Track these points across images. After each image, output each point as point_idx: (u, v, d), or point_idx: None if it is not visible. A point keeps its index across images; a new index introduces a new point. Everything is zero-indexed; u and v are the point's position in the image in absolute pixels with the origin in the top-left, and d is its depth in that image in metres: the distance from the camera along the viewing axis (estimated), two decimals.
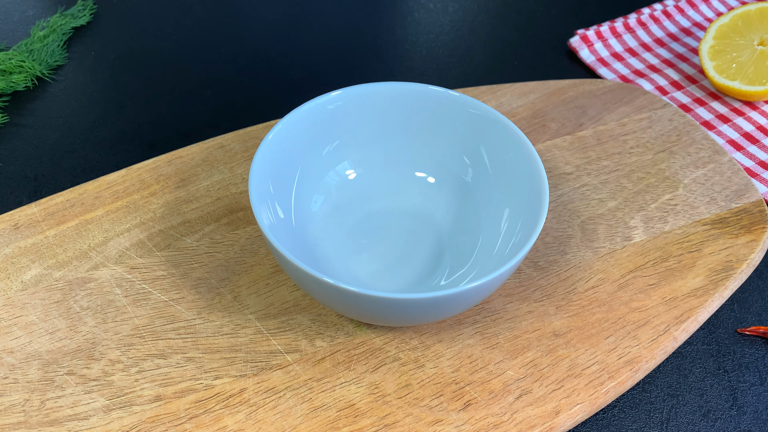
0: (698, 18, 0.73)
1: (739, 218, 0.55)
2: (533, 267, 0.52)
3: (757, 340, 0.52)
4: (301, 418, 0.44)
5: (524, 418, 0.45)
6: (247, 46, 0.72)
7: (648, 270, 0.52)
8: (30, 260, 0.51)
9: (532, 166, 0.48)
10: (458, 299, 0.44)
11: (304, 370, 0.46)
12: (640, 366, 0.47)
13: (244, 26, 0.74)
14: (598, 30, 0.71)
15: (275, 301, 0.50)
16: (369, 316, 0.46)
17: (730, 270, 0.52)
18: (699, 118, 0.64)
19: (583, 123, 0.61)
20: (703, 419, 0.48)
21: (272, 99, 0.67)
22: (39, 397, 0.45)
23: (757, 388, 0.49)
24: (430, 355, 0.47)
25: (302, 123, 0.50)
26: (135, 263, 0.51)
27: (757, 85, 0.63)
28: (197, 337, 0.48)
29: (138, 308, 0.49)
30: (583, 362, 0.47)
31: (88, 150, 0.63)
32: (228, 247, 0.52)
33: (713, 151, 0.59)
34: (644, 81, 0.67)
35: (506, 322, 0.49)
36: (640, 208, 0.55)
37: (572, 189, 0.56)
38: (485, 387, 0.46)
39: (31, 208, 0.54)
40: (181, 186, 0.55)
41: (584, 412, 0.46)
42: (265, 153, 0.48)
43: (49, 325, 0.48)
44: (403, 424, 0.44)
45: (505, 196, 0.51)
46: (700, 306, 0.50)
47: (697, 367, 0.50)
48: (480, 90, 0.62)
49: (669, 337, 0.48)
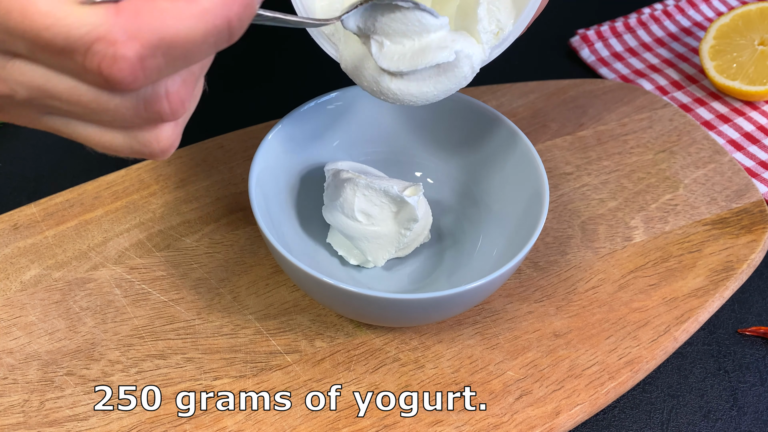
0: (699, 18, 0.73)
1: (739, 218, 0.55)
2: (533, 267, 0.52)
3: (757, 340, 0.52)
4: (301, 418, 0.44)
5: (524, 419, 0.44)
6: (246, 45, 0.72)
7: (648, 270, 0.52)
8: (29, 260, 0.51)
9: (532, 166, 0.48)
10: (458, 299, 0.43)
11: (304, 370, 0.46)
12: (640, 366, 0.47)
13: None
14: (599, 30, 0.71)
15: (275, 301, 0.49)
16: (369, 317, 0.46)
17: (730, 270, 0.52)
18: (699, 118, 0.64)
19: (584, 123, 0.61)
20: (703, 420, 0.48)
21: (272, 99, 0.67)
22: (38, 398, 0.45)
23: (757, 389, 0.49)
24: (430, 355, 0.47)
25: (302, 123, 0.50)
26: (134, 263, 0.51)
27: (758, 85, 0.63)
28: (197, 337, 0.48)
29: (137, 309, 0.49)
30: (583, 363, 0.47)
31: (88, 150, 0.63)
32: (227, 248, 0.52)
33: (714, 151, 0.59)
34: (645, 81, 0.67)
35: (506, 323, 0.49)
36: (641, 209, 0.55)
37: (572, 189, 0.56)
38: (485, 387, 0.46)
39: (31, 208, 0.54)
40: (181, 186, 0.55)
41: (584, 412, 0.45)
42: (265, 153, 0.48)
43: (49, 325, 0.48)
44: (403, 424, 0.44)
45: (505, 196, 0.50)
46: (700, 306, 0.50)
47: (697, 367, 0.50)
48: (480, 90, 0.62)
49: (669, 337, 0.48)
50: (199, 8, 0.26)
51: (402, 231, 0.48)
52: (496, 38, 0.42)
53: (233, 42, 0.28)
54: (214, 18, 0.27)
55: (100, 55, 0.26)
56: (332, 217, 0.48)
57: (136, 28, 0.26)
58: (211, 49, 0.28)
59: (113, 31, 0.26)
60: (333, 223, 0.48)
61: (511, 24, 0.42)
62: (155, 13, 0.26)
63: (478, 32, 0.41)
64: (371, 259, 0.49)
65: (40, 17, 0.25)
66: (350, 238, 0.49)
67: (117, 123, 0.30)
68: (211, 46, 0.28)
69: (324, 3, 0.44)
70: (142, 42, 0.26)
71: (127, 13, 0.26)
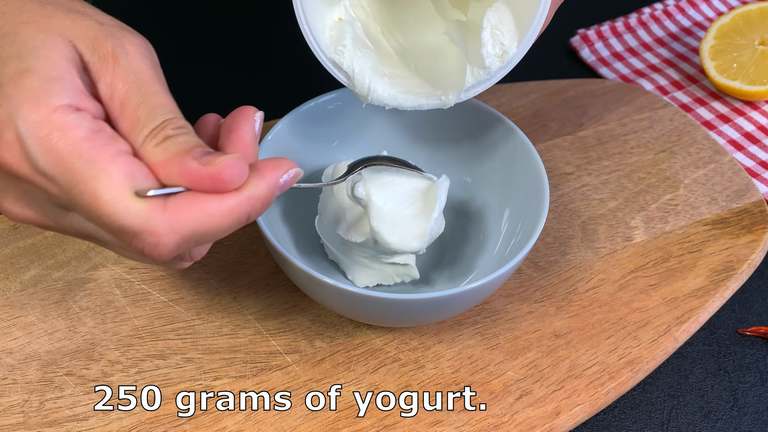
0: (699, 17, 0.73)
1: (739, 218, 0.55)
2: (534, 267, 0.52)
3: (758, 340, 0.52)
4: (301, 419, 0.44)
5: (525, 419, 0.44)
6: (246, 45, 0.72)
7: (649, 270, 0.52)
8: (29, 260, 0.51)
9: (533, 166, 0.48)
10: (458, 300, 0.43)
11: (304, 370, 0.46)
12: (640, 366, 0.47)
13: (244, 25, 0.74)
14: (599, 29, 0.71)
15: (275, 301, 0.49)
16: (369, 317, 0.46)
17: (730, 270, 0.52)
18: (700, 118, 0.64)
19: (584, 123, 0.61)
20: (703, 420, 0.48)
21: (272, 99, 0.67)
22: (38, 398, 0.44)
23: (758, 389, 0.49)
24: (430, 355, 0.47)
25: (302, 123, 0.50)
26: (134, 264, 0.51)
27: (758, 84, 0.63)
28: (196, 337, 0.48)
29: (137, 309, 0.49)
30: (583, 363, 0.47)
31: None
32: (228, 248, 0.52)
33: (714, 151, 0.59)
34: (645, 81, 0.67)
35: (506, 323, 0.49)
36: (641, 209, 0.55)
37: (573, 189, 0.56)
38: (485, 388, 0.46)
39: None
40: None
41: (585, 412, 0.45)
42: (265, 153, 0.48)
43: (49, 325, 0.48)
44: (403, 425, 0.44)
45: (506, 196, 0.50)
46: (700, 306, 0.50)
47: (697, 367, 0.50)
48: None
49: (670, 337, 0.48)
50: (227, 207, 0.33)
51: (393, 275, 0.48)
52: (501, 60, 0.43)
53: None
54: (239, 215, 0.33)
55: (145, 242, 0.32)
56: (323, 230, 0.49)
57: (178, 224, 0.32)
58: (229, 232, 0.34)
59: (159, 226, 0.32)
60: (322, 235, 0.49)
61: (514, 46, 0.43)
62: (194, 212, 0.32)
63: (482, 56, 0.42)
64: (351, 278, 0.49)
65: (106, 207, 0.32)
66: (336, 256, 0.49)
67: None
68: (231, 231, 0.34)
69: (333, 33, 0.45)
70: (180, 235, 0.32)
71: (172, 211, 0.32)
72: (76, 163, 0.32)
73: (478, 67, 0.43)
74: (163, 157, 0.33)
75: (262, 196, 0.34)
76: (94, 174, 0.32)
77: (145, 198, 0.32)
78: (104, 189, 0.32)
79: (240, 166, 0.33)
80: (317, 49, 0.44)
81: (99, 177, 0.32)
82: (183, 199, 0.33)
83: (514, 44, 0.43)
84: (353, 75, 0.44)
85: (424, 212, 0.45)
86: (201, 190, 0.33)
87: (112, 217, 0.32)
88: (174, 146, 0.33)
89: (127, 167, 0.32)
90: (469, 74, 0.43)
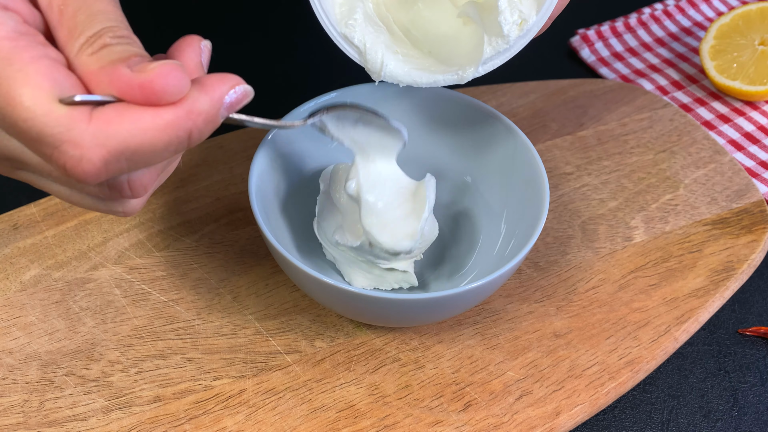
0: (699, 17, 0.73)
1: (739, 218, 0.55)
2: (534, 267, 0.52)
3: (758, 340, 0.52)
4: (301, 419, 0.44)
5: (525, 419, 0.44)
6: (246, 45, 0.72)
7: (649, 270, 0.52)
8: (29, 260, 0.51)
9: (533, 166, 0.48)
10: (458, 300, 0.43)
11: (304, 370, 0.46)
12: (640, 367, 0.47)
13: (244, 25, 0.74)
14: (599, 29, 0.71)
15: (275, 301, 0.49)
16: (369, 317, 0.46)
17: (731, 270, 0.52)
18: (700, 118, 0.64)
19: (584, 123, 0.61)
20: (703, 420, 0.48)
21: (272, 99, 0.67)
22: (38, 398, 0.44)
23: (758, 389, 0.49)
24: (430, 355, 0.47)
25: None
26: (134, 263, 0.51)
27: (758, 84, 0.63)
28: (196, 337, 0.48)
29: (137, 309, 0.49)
30: (583, 363, 0.47)
31: None
32: (227, 248, 0.52)
33: (714, 151, 0.59)
34: (645, 81, 0.67)
35: (506, 323, 0.49)
36: (641, 209, 0.55)
37: (573, 189, 0.56)
38: (485, 388, 0.46)
39: (30, 208, 0.53)
40: (181, 186, 0.55)
41: (585, 412, 0.45)
42: (265, 153, 0.48)
43: (48, 325, 0.48)
44: (403, 425, 0.44)
45: (505, 197, 0.50)
46: (700, 306, 0.50)
47: (697, 367, 0.50)
48: (480, 90, 0.62)
49: (670, 337, 0.48)
50: (162, 121, 0.29)
51: (391, 282, 0.48)
52: (520, 29, 0.41)
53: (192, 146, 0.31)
54: (176, 130, 0.29)
55: (67, 156, 0.29)
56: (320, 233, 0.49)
57: (104, 136, 0.28)
58: (170, 154, 0.30)
59: (82, 137, 0.28)
60: (320, 237, 0.49)
61: (534, 14, 0.40)
62: (124, 123, 0.28)
63: (500, 24, 0.40)
64: (347, 279, 0.49)
65: (22, 111, 0.28)
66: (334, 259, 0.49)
67: (84, 192, 0.33)
68: (171, 153, 0.30)
69: (344, 9, 0.43)
70: (108, 149, 0.29)
71: (99, 121, 0.28)
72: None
73: (496, 36, 0.41)
74: (96, 66, 0.29)
75: (204, 111, 0.30)
76: (9, 73, 0.28)
77: (70, 104, 0.28)
78: (21, 89, 0.28)
79: (176, 76, 0.29)
80: (327, 23, 0.42)
81: (15, 77, 0.28)
82: (112, 110, 0.29)
83: (533, 12, 0.41)
84: (365, 49, 0.42)
85: (414, 212, 0.45)
86: (133, 102, 0.29)
87: (29, 122, 0.28)
88: (109, 55, 0.29)
89: (51, 72, 0.29)
90: (487, 45, 0.41)
